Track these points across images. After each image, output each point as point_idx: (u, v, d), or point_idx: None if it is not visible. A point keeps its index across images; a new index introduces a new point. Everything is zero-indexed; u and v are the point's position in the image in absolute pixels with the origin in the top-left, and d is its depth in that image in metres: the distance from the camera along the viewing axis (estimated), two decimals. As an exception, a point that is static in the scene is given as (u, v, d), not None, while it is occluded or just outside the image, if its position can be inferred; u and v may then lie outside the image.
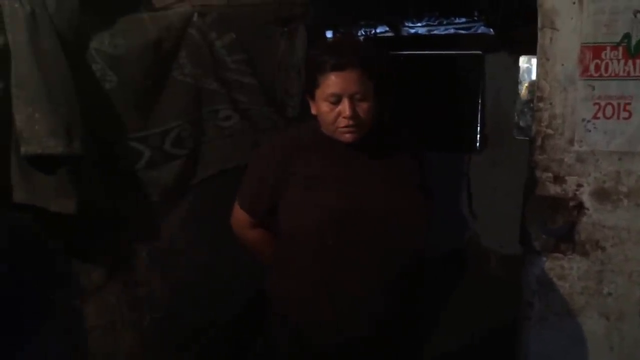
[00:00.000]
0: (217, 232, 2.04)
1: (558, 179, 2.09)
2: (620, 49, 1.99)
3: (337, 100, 1.55)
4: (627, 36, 1.98)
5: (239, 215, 1.74)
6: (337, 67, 1.54)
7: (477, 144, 4.77)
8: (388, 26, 4.46)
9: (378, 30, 4.50)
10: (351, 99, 1.54)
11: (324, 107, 1.58)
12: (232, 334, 2.08)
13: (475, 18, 4.27)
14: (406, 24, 4.45)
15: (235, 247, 2.06)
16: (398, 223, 1.62)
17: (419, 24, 4.44)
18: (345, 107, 1.54)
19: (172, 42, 1.88)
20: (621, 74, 1.99)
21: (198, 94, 1.98)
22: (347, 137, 1.59)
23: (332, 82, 1.54)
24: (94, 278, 1.76)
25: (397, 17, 4.38)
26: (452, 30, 4.50)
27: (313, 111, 1.65)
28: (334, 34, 4.33)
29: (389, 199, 1.63)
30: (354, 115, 1.55)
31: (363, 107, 1.57)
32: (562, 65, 2.05)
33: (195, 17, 1.93)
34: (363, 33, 4.48)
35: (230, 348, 2.04)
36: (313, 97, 1.62)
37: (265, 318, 1.78)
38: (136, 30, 1.80)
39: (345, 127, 1.57)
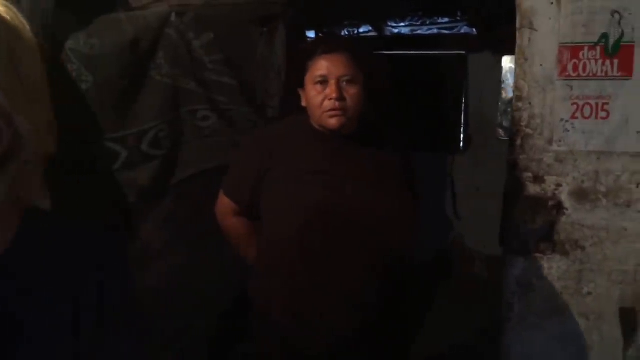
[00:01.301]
0: (196, 234, 2.03)
1: (537, 179, 2.10)
2: (598, 48, 2.00)
3: (324, 81, 1.58)
4: (604, 36, 1.99)
5: (223, 202, 1.74)
6: (325, 51, 1.59)
7: (461, 145, 4.79)
8: (371, 26, 4.46)
9: (361, 30, 4.50)
10: (338, 82, 1.57)
11: (312, 91, 1.60)
12: (212, 336, 2.06)
13: (458, 18, 4.28)
14: (389, 24, 4.46)
15: (216, 248, 2.06)
16: (382, 220, 1.62)
17: (402, 24, 4.45)
18: (332, 89, 1.57)
19: (150, 42, 1.87)
20: (599, 74, 2.00)
21: (176, 94, 1.96)
22: (333, 121, 1.60)
23: (320, 65, 1.59)
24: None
25: (380, 17, 4.38)
26: (435, 30, 4.51)
27: (303, 103, 1.67)
28: (316, 33, 4.33)
29: (373, 196, 1.63)
30: (340, 97, 1.57)
31: (350, 92, 1.59)
32: (541, 65, 2.05)
33: (173, 17, 1.92)
34: (346, 33, 4.48)
35: (210, 351, 2.02)
36: (303, 86, 1.65)
37: (250, 320, 1.76)
38: (112, 31, 1.79)
39: (331, 110, 1.58)
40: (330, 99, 1.57)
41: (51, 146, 0.72)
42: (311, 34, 4.45)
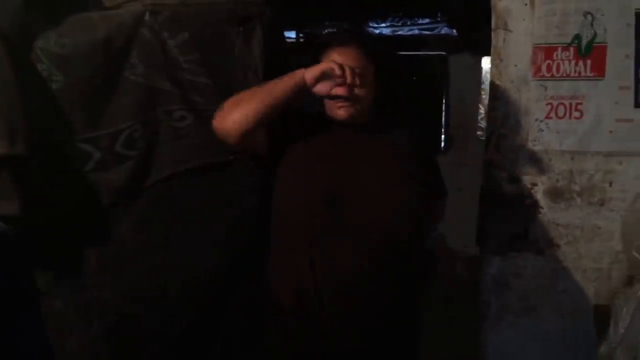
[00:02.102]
0: (172, 235, 2.02)
1: (513, 179, 2.12)
2: (572, 49, 2.02)
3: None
4: (577, 37, 2.02)
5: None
6: (337, 44, 1.66)
7: (442, 145, 4.81)
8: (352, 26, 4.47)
9: (342, 31, 4.50)
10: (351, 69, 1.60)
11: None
12: (188, 339, 2.05)
13: (439, 19, 4.31)
14: (370, 24, 4.47)
15: (192, 250, 2.05)
16: (384, 212, 1.64)
17: (383, 25, 4.46)
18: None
19: (123, 41, 1.85)
20: (572, 74, 2.03)
21: (151, 94, 1.94)
22: (342, 112, 1.66)
23: (333, 58, 1.62)
24: (40, 282, 1.72)
25: (361, 18, 4.39)
26: (416, 31, 4.54)
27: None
28: (297, 34, 4.33)
29: (379, 186, 1.65)
30: (352, 87, 1.61)
31: (360, 84, 1.62)
32: (515, 65, 2.08)
33: (147, 16, 1.90)
34: (327, 32, 4.48)
35: (186, 353, 2.01)
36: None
37: (264, 313, 1.80)
38: (84, 30, 1.76)
39: (342, 98, 1.63)
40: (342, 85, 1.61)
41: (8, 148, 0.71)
42: (291, 34, 4.46)
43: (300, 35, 4.51)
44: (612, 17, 1.99)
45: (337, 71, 1.56)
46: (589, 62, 2.02)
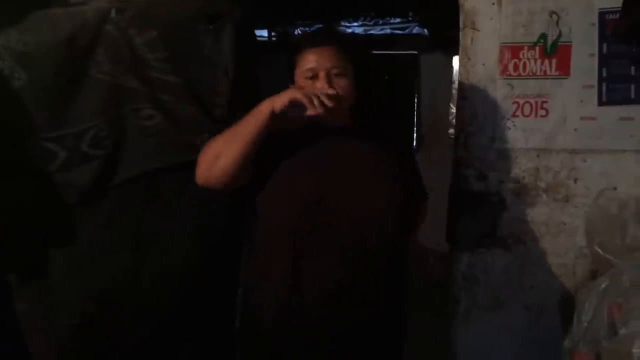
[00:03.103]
0: (140, 235, 2.00)
1: (481, 176, 2.15)
2: (537, 48, 2.05)
3: (314, 75, 1.60)
4: (543, 36, 2.05)
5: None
6: (313, 44, 1.62)
7: (414, 144, 4.85)
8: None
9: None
10: (328, 74, 1.59)
11: (302, 85, 1.62)
12: (158, 340, 2.03)
13: (410, 19, 4.34)
14: (343, 24, 4.49)
15: (161, 250, 2.03)
16: (368, 214, 1.62)
17: (355, 24, 4.48)
18: (321, 82, 1.59)
19: (88, 38, 1.82)
20: (538, 73, 2.06)
21: (117, 93, 1.91)
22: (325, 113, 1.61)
23: (309, 59, 1.61)
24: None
25: (334, 17, 4.40)
26: (388, 31, 4.56)
27: None
28: (269, 33, 4.33)
29: (360, 192, 1.64)
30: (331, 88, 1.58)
31: (340, 84, 1.61)
32: (483, 64, 2.10)
33: (113, 13, 1.88)
34: (299, 32, 4.49)
35: (154, 354, 1.99)
36: (294, 82, 1.67)
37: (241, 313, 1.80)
38: (47, 27, 1.74)
39: None
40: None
41: None
42: (263, 33, 4.46)
43: (273, 34, 4.50)
44: (576, 16, 2.02)
45: (305, 103, 1.51)
46: (554, 61, 2.05)
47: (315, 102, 1.52)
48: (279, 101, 1.54)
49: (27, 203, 1.70)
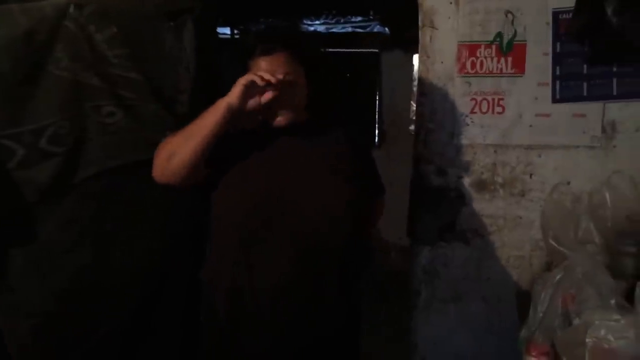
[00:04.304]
0: (101, 234, 1.98)
1: (440, 172, 2.19)
2: (494, 47, 2.11)
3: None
4: (499, 35, 2.10)
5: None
6: (265, 52, 1.61)
7: (376, 140, 4.90)
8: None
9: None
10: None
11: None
12: (121, 337, 2.02)
13: (371, 17, 4.38)
14: (305, 22, 4.50)
15: (122, 248, 2.02)
16: (318, 210, 1.64)
17: (317, 22, 4.50)
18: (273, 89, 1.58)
19: (46, 34, 1.79)
20: (495, 71, 2.12)
21: (77, 90, 1.89)
22: (280, 119, 1.65)
23: (261, 66, 1.60)
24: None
25: (296, 15, 4.41)
26: (349, 29, 4.59)
27: None
28: (231, 30, 4.31)
29: (311, 188, 1.65)
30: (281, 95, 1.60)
31: (293, 90, 1.63)
32: (442, 62, 2.15)
33: (71, 9, 1.85)
34: (252, 32, 4.47)
35: (116, 352, 1.98)
36: None
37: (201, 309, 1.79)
38: (4, 22, 1.70)
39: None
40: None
41: None
42: (226, 30, 4.43)
43: (235, 31, 4.48)
44: (531, 16, 2.08)
45: (259, 82, 1.55)
46: (510, 59, 2.11)
47: (270, 78, 1.55)
48: (233, 92, 1.56)
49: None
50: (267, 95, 1.58)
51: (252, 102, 1.59)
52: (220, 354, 1.71)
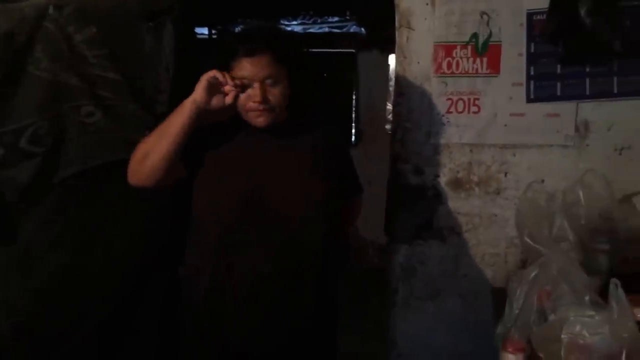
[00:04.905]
0: (82, 233, 1.98)
1: (417, 170, 2.23)
2: (469, 47, 2.15)
3: (248, 84, 1.60)
4: (475, 36, 2.14)
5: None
6: (247, 53, 1.59)
7: (353, 139, 4.93)
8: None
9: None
10: (262, 83, 1.60)
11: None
12: (103, 335, 2.02)
13: (348, 17, 4.41)
14: (282, 22, 4.51)
15: (103, 248, 2.02)
16: (294, 209, 1.66)
17: (294, 22, 4.52)
18: (255, 91, 1.59)
19: (26, 35, 1.79)
20: (470, 71, 2.15)
21: (56, 90, 1.89)
22: (259, 121, 1.64)
23: (243, 67, 1.60)
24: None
25: (273, 15, 4.42)
26: (326, 29, 4.62)
27: None
28: (209, 30, 4.30)
29: (288, 187, 1.67)
30: (265, 100, 1.60)
31: (274, 92, 1.63)
32: (418, 63, 2.18)
33: (50, 10, 1.85)
34: (236, 31, 4.48)
35: (97, 351, 1.97)
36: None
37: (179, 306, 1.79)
38: (-17, 23, 1.70)
39: (256, 110, 1.62)
40: (255, 102, 1.60)
41: None
42: (204, 31, 4.43)
43: (213, 32, 4.48)
44: (506, 17, 2.12)
45: (221, 79, 1.57)
46: (485, 59, 2.15)
47: (228, 79, 1.57)
48: (197, 89, 1.58)
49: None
50: (231, 96, 1.59)
51: (215, 101, 1.59)
52: (200, 353, 1.72)
